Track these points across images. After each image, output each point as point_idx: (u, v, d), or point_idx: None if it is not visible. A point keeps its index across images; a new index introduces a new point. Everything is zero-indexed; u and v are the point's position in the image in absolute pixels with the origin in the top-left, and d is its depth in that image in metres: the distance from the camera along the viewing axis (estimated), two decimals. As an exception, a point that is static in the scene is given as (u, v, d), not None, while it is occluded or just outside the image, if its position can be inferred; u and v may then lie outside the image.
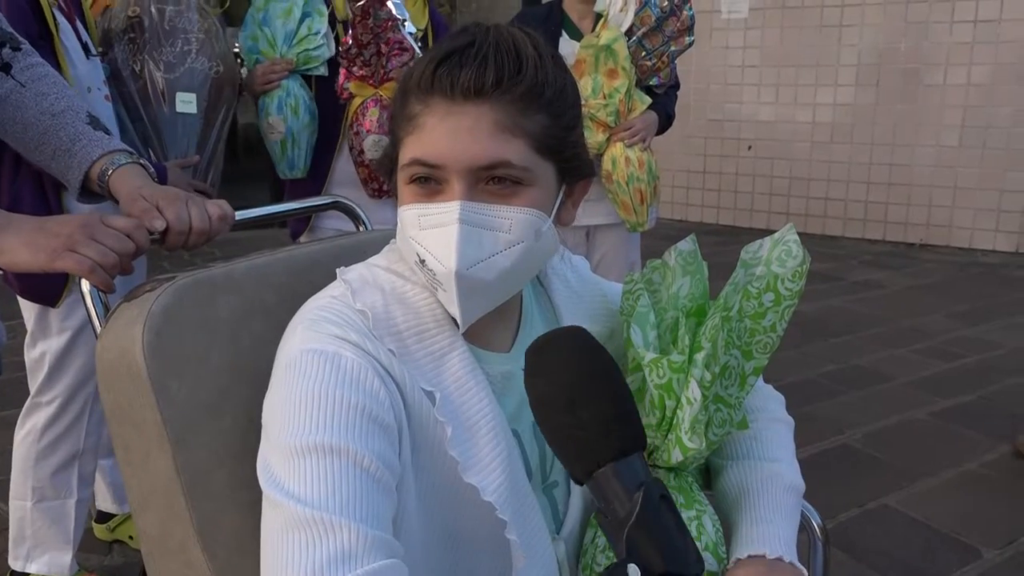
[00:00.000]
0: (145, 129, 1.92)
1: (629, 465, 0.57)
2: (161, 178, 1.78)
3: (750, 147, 6.43)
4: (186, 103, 1.91)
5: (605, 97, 2.33)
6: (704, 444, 0.85)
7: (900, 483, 2.62)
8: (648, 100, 2.44)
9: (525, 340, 0.92)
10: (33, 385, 1.91)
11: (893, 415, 3.11)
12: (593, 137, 2.37)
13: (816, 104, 6.09)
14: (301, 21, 2.15)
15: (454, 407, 0.81)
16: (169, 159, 1.94)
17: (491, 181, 0.78)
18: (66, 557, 1.97)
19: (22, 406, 1.97)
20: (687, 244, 0.97)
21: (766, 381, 1.11)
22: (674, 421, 0.86)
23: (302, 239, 2.35)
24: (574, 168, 0.86)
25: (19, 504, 1.95)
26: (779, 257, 0.95)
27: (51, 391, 1.89)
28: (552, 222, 0.84)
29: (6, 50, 1.14)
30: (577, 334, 0.62)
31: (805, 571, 0.87)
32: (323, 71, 2.19)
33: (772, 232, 0.96)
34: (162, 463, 0.87)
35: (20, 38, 1.17)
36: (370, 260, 0.91)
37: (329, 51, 2.18)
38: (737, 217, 6.57)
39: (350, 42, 2.04)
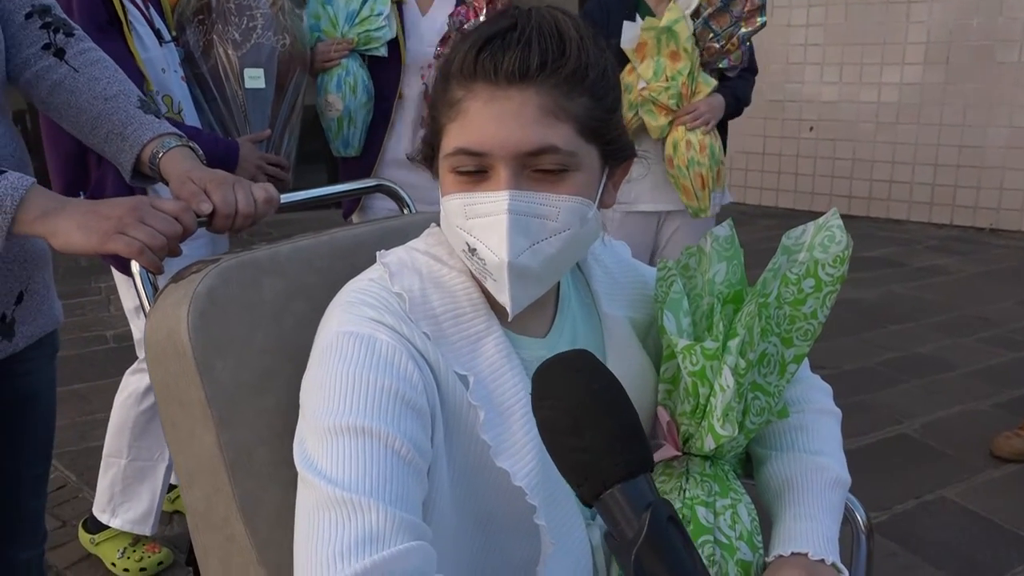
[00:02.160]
0: (219, 109, 1.98)
1: (635, 486, 0.55)
2: (234, 154, 1.86)
3: (812, 128, 6.27)
4: (254, 79, 1.96)
5: (667, 80, 2.29)
6: (738, 432, 0.84)
7: (960, 475, 2.55)
8: (713, 83, 2.38)
9: (562, 325, 0.92)
10: (140, 353, 2.02)
11: (955, 405, 3.02)
12: (656, 121, 2.33)
13: (882, 83, 5.90)
14: (364, 2, 2.17)
15: (488, 391, 0.82)
16: (242, 135, 2.00)
17: (537, 168, 0.78)
18: (149, 517, 2.09)
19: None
20: (724, 229, 0.95)
21: (820, 368, 1.09)
22: (707, 408, 0.85)
23: (353, 218, 2.38)
24: (616, 151, 0.85)
25: (113, 460, 2.07)
26: (822, 243, 0.93)
27: None
28: (596, 207, 0.83)
29: (60, 36, 1.17)
30: (582, 356, 0.61)
31: (847, 572, 0.85)
32: (383, 52, 2.20)
33: (833, 215, 0.94)
34: (207, 441, 0.89)
35: (73, 23, 1.21)
36: (409, 244, 0.91)
37: (391, 32, 2.19)
38: (797, 200, 6.43)
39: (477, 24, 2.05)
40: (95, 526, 2.15)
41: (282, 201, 1.14)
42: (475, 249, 0.79)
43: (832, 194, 6.22)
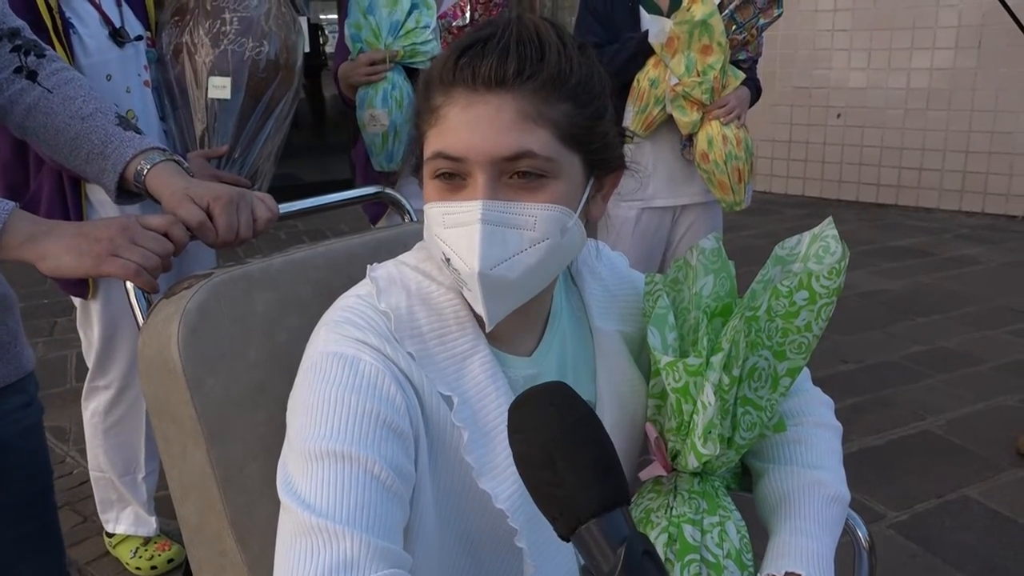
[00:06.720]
0: (180, 118, 1.84)
1: (611, 521, 0.55)
2: None
3: (839, 115, 6.17)
4: (218, 88, 1.80)
5: (699, 74, 2.28)
6: (727, 448, 0.83)
7: (984, 474, 2.51)
8: (741, 75, 2.38)
9: (550, 342, 0.91)
10: (89, 370, 2.01)
11: (980, 401, 2.97)
12: (687, 116, 2.32)
13: (911, 69, 5.78)
14: (409, 13, 2.10)
15: (472, 412, 0.81)
16: (200, 149, 1.84)
17: (515, 175, 0.77)
18: (148, 519, 2.15)
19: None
20: (710, 242, 0.94)
21: (843, 362, 1.07)
22: (691, 425, 0.84)
23: (381, 223, 2.36)
24: (602, 160, 0.84)
25: (98, 475, 2.11)
26: (816, 253, 0.91)
27: (105, 376, 1.98)
28: (579, 217, 0.82)
29: (31, 58, 1.14)
30: (557, 389, 0.60)
31: None
32: (427, 66, 2.15)
33: (860, 204, 0.92)
34: (198, 457, 0.90)
35: (43, 44, 1.17)
36: (400, 258, 0.91)
37: (437, 47, 2.13)
38: (824, 189, 6.33)
39: (465, 21, 2.01)
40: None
41: (282, 211, 1.14)
42: (449, 259, 0.79)
43: (860, 182, 6.11)
